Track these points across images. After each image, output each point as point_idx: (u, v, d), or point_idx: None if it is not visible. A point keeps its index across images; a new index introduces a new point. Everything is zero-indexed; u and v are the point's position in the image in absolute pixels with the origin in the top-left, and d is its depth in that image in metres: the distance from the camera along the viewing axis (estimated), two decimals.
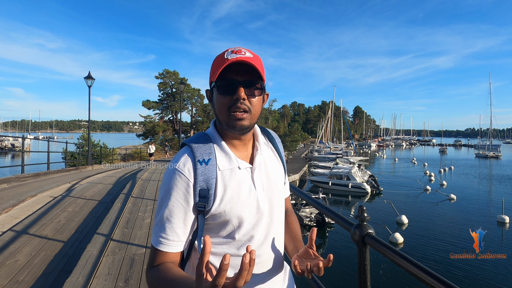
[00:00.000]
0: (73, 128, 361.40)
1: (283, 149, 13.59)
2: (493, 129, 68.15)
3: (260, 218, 0.88)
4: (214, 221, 0.84)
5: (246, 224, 0.85)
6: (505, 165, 40.48)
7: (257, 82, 0.84)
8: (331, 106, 53.98)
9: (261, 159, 0.93)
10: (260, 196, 0.88)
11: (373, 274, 8.18)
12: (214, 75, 0.82)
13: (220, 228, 0.85)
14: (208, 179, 0.82)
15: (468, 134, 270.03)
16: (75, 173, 10.64)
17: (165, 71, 34.40)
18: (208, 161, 0.83)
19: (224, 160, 0.86)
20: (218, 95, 0.83)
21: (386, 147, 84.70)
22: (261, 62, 0.86)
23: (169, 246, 0.82)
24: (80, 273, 2.75)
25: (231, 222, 0.84)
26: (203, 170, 0.82)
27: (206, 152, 0.85)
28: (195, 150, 0.85)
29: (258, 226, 0.87)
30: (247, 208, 0.85)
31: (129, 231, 3.87)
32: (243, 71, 0.82)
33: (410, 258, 0.97)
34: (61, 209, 5.29)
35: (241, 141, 0.91)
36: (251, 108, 0.84)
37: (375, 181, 21.65)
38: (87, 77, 13.18)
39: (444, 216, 15.09)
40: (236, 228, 0.85)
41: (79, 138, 21.26)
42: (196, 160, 0.83)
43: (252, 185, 0.88)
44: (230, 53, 0.82)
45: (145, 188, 6.83)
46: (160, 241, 0.81)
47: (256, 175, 0.89)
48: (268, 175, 0.93)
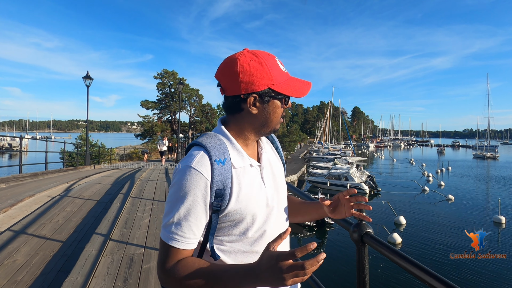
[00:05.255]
0: (71, 128, 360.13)
1: (283, 149, 13.60)
2: (491, 130, 68.38)
3: (270, 214, 0.92)
4: (228, 219, 0.85)
5: (259, 220, 0.88)
6: (502, 166, 40.64)
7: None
8: (330, 106, 54.09)
9: (266, 157, 0.98)
10: (269, 193, 0.92)
11: (372, 273, 8.22)
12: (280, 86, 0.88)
13: (234, 226, 0.86)
14: (225, 179, 0.83)
15: (466, 135, 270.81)
16: (73, 173, 10.60)
17: (163, 71, 34.38)
18: (224, 160, 0.84)
19: (237, 159, 0.88)
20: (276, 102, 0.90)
21: (384, 148, 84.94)
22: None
23: (186, 243, 0.81)
24: (79, 272, 2.75)
25: (245, 219, 0.86)
26: (220, 170, 0.83)
27: (222, 152, 0.85)
28: (211, 149, 0.84)
29: (269, 222, 0.91)
30: (259, 205, 0.88)
31: (127, 231, 3.87)
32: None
33: (409, 257, 0.98)
34: (60, 209, 5.28)
35: (252, 141, 0.96)
36: None
37: (373, 182, 21.68)
38: (85, 77, 13.14)
39: (442, 216, 15.14)
40: (249, 225, 0.87)
41: (77, 138, 21.21)
42: (213, 160, 0.83)
43: (261, 182, 0.92)
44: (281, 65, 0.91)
45: (143, 188, 6.82)
46: (176, 238, 0.80)
47: (265, 173, 0.94)
48: (273, 172, 0.98)
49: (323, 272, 8.95)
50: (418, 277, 0.93)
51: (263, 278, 0.69)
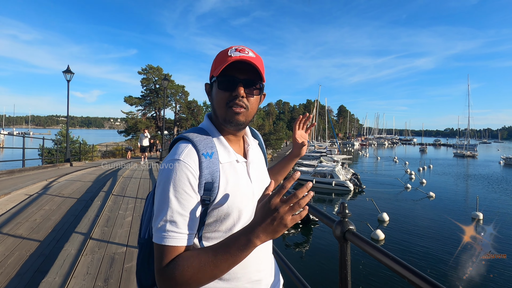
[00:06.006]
0: (50, 124, 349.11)
1: (269, 147, 13.99)
2: (471, 129, 70.85)
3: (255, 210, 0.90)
4: (215, 214, 0.84)
5: (245, 216, 0.87)
6: (480, 164, 42.14)
7: (257, 82, 0.87)
8: (316, 105, 54.65)
9: (253, 154, 0.98)
10: (255, 189, 0.92)
11: (354, 269, 8.36)
12: (217, 71, 0.84)
13: (221, 222, 0.85)
14: (213, 172, 0.82)
15: (447, 134, 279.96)
16: (52, 170, 10.27)
17: (148, 66, 33.68)
18: (212, 154, 0.84)
19: (224, 154, 0.88)
20: (218, 90, 0.86)
21: (369, 146, 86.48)
22: (262, 63, 0.89)
23: (184, 239, 0.76)
24: (57, 273, 2.66)
25: (231, 215, 0.85)
26: (208, 163, 0.82)
27: (209, 146, 0.85)
28: (198, 143, 0.84)
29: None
30: (246, 200, 0.87)
31: (109, 230, 3.77)
32: (244, 70, 0.85)
33: (389, 253, 0.99)
34: (37, 207, 5.10)
35: (236, 137, 0.95)
36: (248, 106, 0.87)
37: (357, 179, 22.06)
38: (66, 71, 12.70)
39: (423, 213, 15.58)
40: (236, 221, 0.86)
41: (57, 134, 20.56)
42: (201, 154, 0.82)
43: (248, 178, 0.91)
44: (234, 51, 0.84)
45: (126, 186, 6.68)
46: (173, 236, 0.75)
47: (251, 168, 0.94)
48: (259, 169, 0.99)
49: (307, 269, 9.05)
50: (397, 273, 0.94)
51: (262, 228, 0.68)
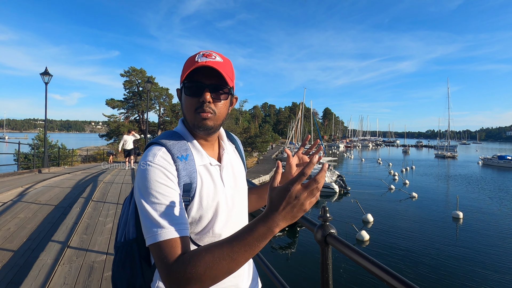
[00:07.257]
0: (27, 128, 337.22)
1: (255, 150, 13.98)
2: (451, 131, 73.39)
3: (229, 214, 0.90)
4: (191, 215, 0.82)
5: (220, 219, 0.86)
6: (460, 164, 43.64)
7: (224, 87, 0.86)
8: (301, 107, 55.10)
9: (228, 159, 0.97)
10: (228, 193, 0.90)
11: (335, 273, 8.43)
12: (183, 76, 0.84)
13: (196, 223, 0.84)
14: (191, 173, 0.82)
15: (429, 136, 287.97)
16: (28, 176, 9.87)
17: (131, 68, 33.09)
18: (187, 156, 0.84)
19: (198, 157, 0.87)
20: (186, 96, 0.85)
21: (354, 148, 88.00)
22: (231, 66, 0.89)
23: (177, 231, 0.71)
24: (31, 284, 2.54)
25: (207, 216, 0.84)
26: (185, 165, 0.81)
27: (183, 149, 0.85)
28: (171, 147, 0.83)
29: (229, 222, 0.89)
30: (219, 204, 0.86)
31: (88, 237, 3.64)
32: (211, 75, 0.83)
33: (369, 256, 0.99)
34: (11, 215, 4.87)
35: (208, 142, 0.93)
36: (216, 111, 0.85)
37: (343, 181, 22.36)
38: (43, 73, 12.30)
39: (406, 213, 15.95)
40: (210, 223, 0.85)
41: (34, 139, 19.84)
42: (176, 157, 0.81)
43: (221, 182, 0.90)
44: (201, 56, 0.84)
45: (107, 191, 6.49)
46: (166, 229, 0.70)
47: (224, 173, 0.92)
48: (234, 174, 0.97)
49: (291, 272, 9.05)
50: (377, 276, 0.94)
51: (282, 216, 0.65)
